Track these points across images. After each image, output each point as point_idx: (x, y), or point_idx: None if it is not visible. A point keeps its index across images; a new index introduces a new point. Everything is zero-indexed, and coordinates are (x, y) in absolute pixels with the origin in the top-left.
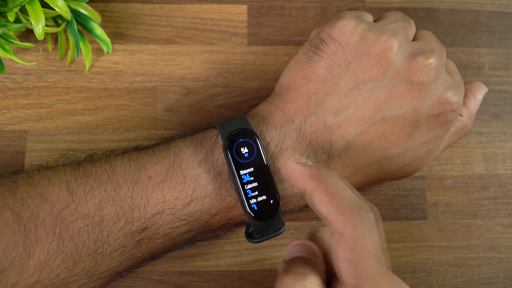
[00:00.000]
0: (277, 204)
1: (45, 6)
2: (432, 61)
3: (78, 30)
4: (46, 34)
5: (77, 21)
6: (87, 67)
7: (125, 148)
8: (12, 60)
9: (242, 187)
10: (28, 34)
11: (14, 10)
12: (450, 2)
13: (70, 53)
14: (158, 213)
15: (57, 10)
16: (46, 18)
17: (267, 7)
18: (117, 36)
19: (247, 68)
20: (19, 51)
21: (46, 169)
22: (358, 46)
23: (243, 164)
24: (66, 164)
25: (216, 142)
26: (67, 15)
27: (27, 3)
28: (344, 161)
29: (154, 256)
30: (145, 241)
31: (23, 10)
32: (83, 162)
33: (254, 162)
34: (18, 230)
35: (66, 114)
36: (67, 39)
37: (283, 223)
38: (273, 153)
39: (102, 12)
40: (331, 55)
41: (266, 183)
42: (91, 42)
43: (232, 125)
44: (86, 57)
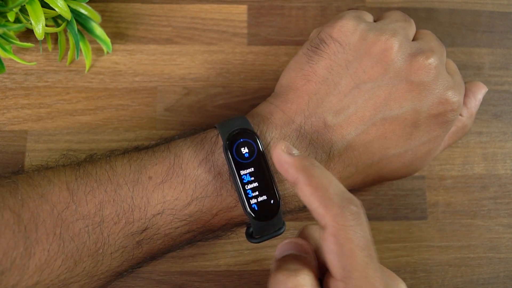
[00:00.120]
0: (277, 204)
1: (45, 6)
2: (432, 61)
3: (78, 30)
4: (46, 34)
5: (77, 21)
6: (87, 67)
7: (125, 148)
8: (12, 60)
9: (242, 187)
10: (28, 34)
11: (14, 10)
12: (450, 2)
13: (70, 53)
14: (159, 213)
15: (57, 10)
16: (46, 18)
17: (267, 7)
18: (117, 36)
19: (247, 68)
20: (19, 51)
21: (46, 169)
22: (358, 46)
23: (244, 164)
24: (66, 164)
25: (216, 142)
26: (67, 15)
27: (27, 3)
28: (344, 161)
29: (155, 256)
30: (145, 241)
31: (23, 10)
32: (83, 162)
33: (254, 162)
34: (18, 231)
35: (66, 114)
36: (67, 39)
37: (284, 223)
38: None
39: (102, 12)
40: (331, 55)
41: (267, 183)
42: (91, 42)
43: (232, 125)
44: (86, 57)
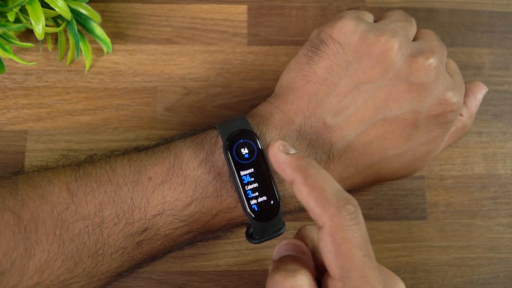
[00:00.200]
0: (277, 205)
1: (45, 6)
2: (432, 61)
3: (78, 30)
4: (46, 34)
5: (77, 21)
6: (87, 67)
7: (125, 148)
8: (12, 60)
9: (242, 188)
10: (28, 34)
11: (14, 10)
12: (450, 2)
13: (70, 53)
14: (159, 214)
15: (57, 10)
16: (46, 18)
17: (267, 7)
18: (117, 36)
19: (247, 68)
20: (19, 51)
21: (46, 170)
22: (358, 47)
23: (244, 165)
24: (66, 165)
25: (216, 143)
26: (67, 15)
27: (27, 3)
28: (344, 161)
29: (155, 257)
30: (145, 242)
31: (23, 10)
32: (83, 163)
33: (254, 163)
34: (18, 232)
35: (66, 114)
36: (67, 39)
37: (284, 224)
38: None
39: (102, 12)
40: (331, 56)
41: (267, 184)
42: (91, 42)
43: (232, 125)
44: (86, 57)
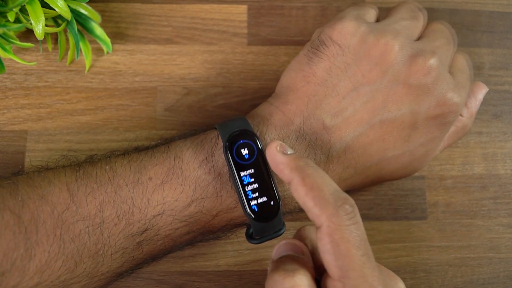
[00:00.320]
0: (277, 205)
1: (45, 6)
2: (432, 62)
3: (78, 30)
4: (46, 34)
5: (77, 21)
6: (87, 67)
7: (125, 149)
8: (12, 60)
9: (242, 189)
10: (28, 34)
11: (14, 10)
12: (450, 2)
13: (70, 53)
14: (159, 214)
15: (57, 10)
16: (46, 18)
17: (267, 7)
18: (117, 36)
19: (247, 68)
20: (19, 51)
21: (47, 170)
22: (358, 49)
23: (244, 165)
24: (66, 165)
25: (216, 143)
26: (67, 15)
27: (27, 3)
28: (343, 162)
29: (155, 257)
30: (146, 242)
31: (23, 10)
32: (84, 163)
33: (254, 163)
34: (19, 232)
35: (66, 114)
36: (67, 39)
37: (284, 224)
38: None
39: (102, 12)
40: (331, 57)
41: (267, 185)
42: (91, 42)
43: (232, 126)
44: (86, 57)
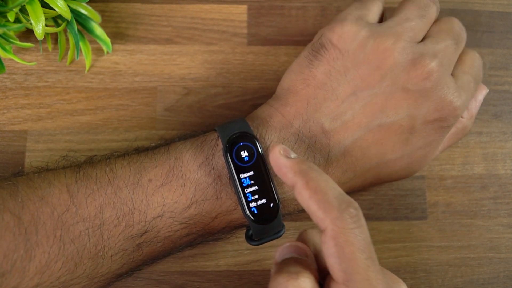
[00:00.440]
0: (276, 207)
1: (45, 6)
2: (432, 67)
3: (78, 30)
4: (46, 34)
5: (77, 21)
6: (87, 67)
7: (125, 150)
8: (12, 60)
9: (242, 191)
10: (28, 34)
11: (14, 10)
12: (450, 2)
13: (70, 53)
14: (159, 216)
15: (57, 10)
16: (46, 18)
17: (267, 7)
18: (117, 36)
19: (247, 68)
20: (19, 51)
21: (47, 171)
22: (357, 54)
23: (243, 167)
24: (66, 166)
25: (216, 145)
26: (67, 15)
27: (27, 3)
28: (342, 166)
29: (155, 259)
30: (145, 244)
31: (23, 10)
32: (84, 164)
33: (254, 165)
34: (19, 233)
35: (66, 114)
36: (67, 39)
37: (283, 226)
38: None
39: (102, 12)
40: (331, 61)
41: (266, 187)
42: (91, 42)
43: (232, 128)
44: (86, 57)
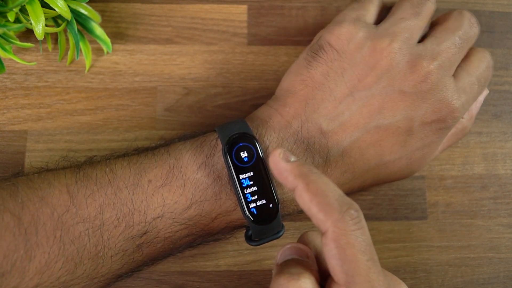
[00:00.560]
0: (276, 208)
1: (45, 6)
2: (430, 69)
3: (78, 30)
4: (46, 34)
5: (77, 21)
6: (87, 67)
7: (125, 150)
8: (12, 60)
9: (241, 191)
10: (28, 34)
11: (14, 10)
12: (450, 2)
13: (70, 53)
14: (158, 217)
15: (57, 10)
16: (46, 18)
17: (267, 7)
18: (117, 36)
19: (247, 68)
20: (19, 51)
21: (47, 172)
22: (355, 54)
23: (243, 168)
24: (66, 167)
25: (216, 146)
26: (67, 15)
27: (27, 3)
28: (341, 167)
29: (155, 259)
30: (145, 245)
31: (23, 10)
32: (84, 165)
33: (253, 166)
34: (19, 234)
35: (66, 114)
36: (67, 39)
37: (283, 227)
38: None
39: (102, 12)
40: (328, 62)
41: (266, 187)
42: (91, 42)
43: (232, 129)
44: (86, 57)
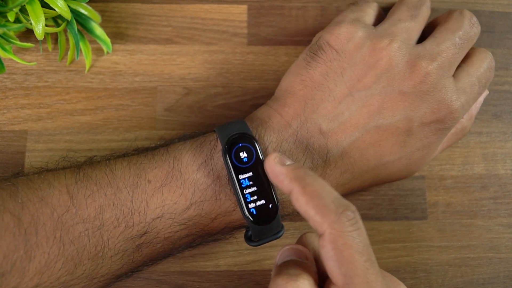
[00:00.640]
0: (275, 208)
1: (45, 6)
2: (429, 70)
3: (78, 30)
4: (46, 34)
5: (77, 21)
6: (87, 67)
7: (125, 150)
8: (12, 60)
9: (241, 192)
10: (28, 34)
11: (14, 10)
12: (450, 2)
13: (70, 53)
14: (158, 217)
15: (57, 10)
16: (46, 18)
17: (267, 7)
18: (117, 36)
19: (247, 68)
20: (19, 51)
21: (46, 172)
22: (354, 54)
23: (242, 168)
24: (66, 167)
25: (215, 146)
26: (67, 15)
27: (27, 3)
28: (340, 167)
29: (155, 260)
30: (145, 245)
31: (23, 10)
32: (83, 165)
33: (253, 166)
34: (18, 234)
35: (66, 114)
36: (67, 39)
37: (282, 227)
38: None
39: (102, 12)
40: (327, 62)
41: (265, 188)
42: (91, 42)
43: (231, 129)
44: (86, 57)
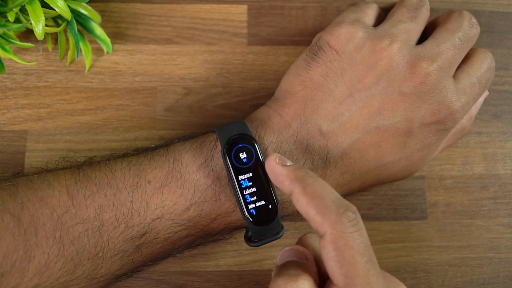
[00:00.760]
0: (275, 209)
1: (45, 6)
2: (429, 71)
3: (78, 30)
4: (46, 34)
5: (77, 21)
6: (87, 67)
7: (125, 150)
8: (12, 60)
9: (240, 192)
10: (28, 34)
11: (14, 10)
12: (450, 2)
13: (70, 53)
14: (158, 218)
15: (57, 10)
16: (46, 18)
17: (267, 7)
18: (117, 36)
19: (247, 68)
20: (19, 51)
21: (46, 172)
22: (354, 55)
23: (242, 169)
24: (66, 167)
25: (215, 147)
26: (67, 15)
27: (27, 3)
28: (340, 168)
29: (154, 260)
30: (145, 245)
31: (23, 10)
32: (83, 165)
33: (252, 167)
34: (18, 234)
35: (66, 114)
36: (67, 39)
37: (282, 227)
38: None
39: (102, 12)
40: (328, 62)
41: (265, 188)
42: (91, 42)
43: (231, 130)
44: (86, 57)
